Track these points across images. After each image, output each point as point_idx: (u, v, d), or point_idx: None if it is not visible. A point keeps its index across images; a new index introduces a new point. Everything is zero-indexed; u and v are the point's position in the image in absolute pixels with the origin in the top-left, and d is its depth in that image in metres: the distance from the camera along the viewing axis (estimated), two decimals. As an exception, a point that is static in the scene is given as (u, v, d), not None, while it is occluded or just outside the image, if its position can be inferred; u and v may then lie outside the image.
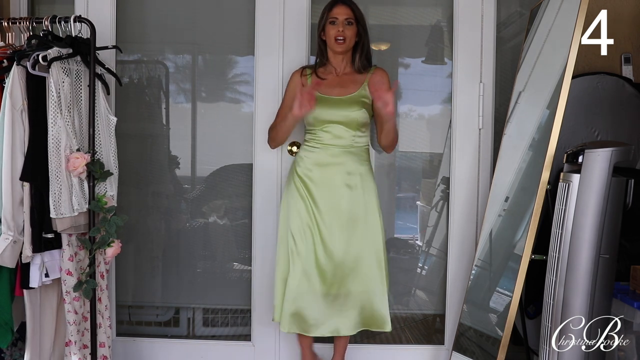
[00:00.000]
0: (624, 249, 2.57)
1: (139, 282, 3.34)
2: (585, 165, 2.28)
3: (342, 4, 2.79)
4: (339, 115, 2.76)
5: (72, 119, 2.60)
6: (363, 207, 2.78)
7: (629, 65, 3.15)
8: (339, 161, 2.78)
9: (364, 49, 2.84)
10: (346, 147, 2.78)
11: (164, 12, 3.29)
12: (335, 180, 2.77)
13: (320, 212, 2.76)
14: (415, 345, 3.24)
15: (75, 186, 2.59)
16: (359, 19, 2.80)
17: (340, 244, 2.74)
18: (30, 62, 2.48)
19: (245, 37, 3.19)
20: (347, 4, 2.80)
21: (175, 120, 3.37)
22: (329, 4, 2.83)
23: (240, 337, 3.26)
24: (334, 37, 2.77)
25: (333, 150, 2.78)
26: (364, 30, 2.82)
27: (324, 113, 2.77)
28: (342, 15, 2.77)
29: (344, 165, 2.78)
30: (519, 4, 3.26)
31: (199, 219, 3.36)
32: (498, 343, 2.58)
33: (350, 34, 2.78)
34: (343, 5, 2.79)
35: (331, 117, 2.77)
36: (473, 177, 3.11)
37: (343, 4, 2.79)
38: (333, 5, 2.80)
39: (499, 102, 3.13)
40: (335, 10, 2.79)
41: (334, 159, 2.78)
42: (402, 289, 3.39)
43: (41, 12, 3.31)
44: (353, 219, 2.77)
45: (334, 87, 2.82)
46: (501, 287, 2.71)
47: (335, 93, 2.81)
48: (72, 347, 2.65)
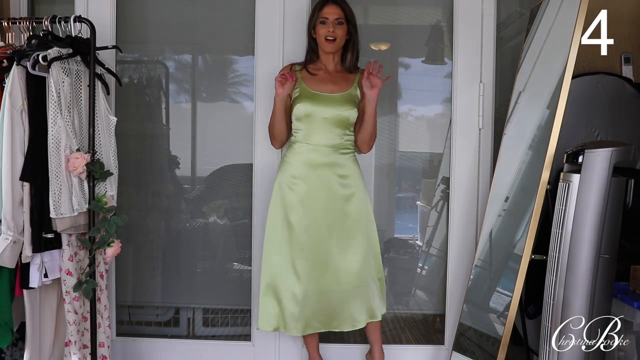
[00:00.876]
0: (624, 249, 2.57)
1: (139, 282, 3.34)
2: (585, 165, 2.28)
3: (332, 3, 2.79)
4: (331, 112, 2.75)
5: (72, 119, 2.60)
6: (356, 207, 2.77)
7: (629, 65, 3.15)
8: (330, 161, 2.77)
9: (355, 47, 2.84)
10: (336, 147, 2.77)
11: (164, 12, 3.30)
12: (328, 180, 2.76)
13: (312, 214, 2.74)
14: (415, 345, 3.24)
15: (75, 186, 2.59)
16: (349, 18, 2.80)
17: (336, 243, 2.74)
18: (30, 62, 2.48)
19: (245, 37, 3.19)
20: (338, 4, 2.79)
21: (175, 120, 3.37)
22: (319, 2, 2.82)
23: (240, 337, 3.26)
24: (324, 36, 2.78)
25: (324, 150, 2.76)
26: (354, 29, 2.82)
27: (316, 109, 2.76)
28: (332, 15, 2.77)
29: (336, 166, 2.77)
30: (519, 4, 3.26)
31: (199, 219, 3.36)
32: (498, 343, 2.58)
33: (341, 34, 2.78)
34: (334, 4, 2.79)
35: (323, 114, 2.75)
36: (473, 177, 3.10)
37: (334, 3, 2.79)
38: (324, 5, 2.80)
39: (499, 102, 3.13)
40: (325, 9, 2.79)
41: (325, 158, 2.76)
42: (402, 289, 3.39)
43: (41, 12, 3.31)
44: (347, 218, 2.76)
45: (325, 83, 2.82)
46: (501, 287, 2.71)
47: (327, 90, 2.80)
48: (72, 347, 2.65)
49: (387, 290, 3.31)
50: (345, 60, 2.85)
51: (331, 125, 2.76)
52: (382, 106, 3.32)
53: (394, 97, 3.33)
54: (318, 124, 2.76)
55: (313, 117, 2.76)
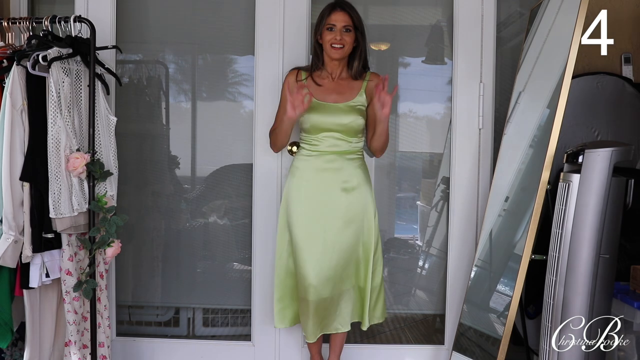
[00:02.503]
0: (624, 249, 2.57)
1: (139, 282, 3.34)
2: (585, 165, 2.28)
3: (341, 10, 2.74)
4: (336, 122, 2.75)
5: (72, 119, 2.60)
6: (360, 211, 2.77)
7: (629, 65, 3.15)
8: (335, 167, 2.77)
9: (362, 55, 2.80)
10: (343, 154, 2.77)
11: (164, 12, 3.30)
12: (332, 185, 2.76)
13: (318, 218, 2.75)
14: (415, 345, 3.24)
15: (75, 186, 2.59)
16: (357, 25, 2.75)
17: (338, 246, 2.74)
18: (30, 62, 2.48)
19: (245, 37, 3.19)
20: (346, 11, 2.74)
21: (175, 120, 3.37)
22: (328, 8, 2.78)
23: (240, 337, 3.26)
24: (330, 43, 2.74)
25: (330, 156, 2.77)
26: (362, 36, 2.78)
27: (321, 120, 2.75)
28: (340, 22, 2.73)
29: (341, 171, 2.77)
30: (519, 4, 3.26)
31: (199, 219, 3.36)
32: (498, 343, 2.58)
33: (349, 41, 2.74)
34: (342, 11, 2.74)
35: (328, 125, 2.75)
36: (473, 177, 3.10)
37: (342, 10, 2.74)
38: (332, 11, 2.75)
39: (499, 102, 3.13)
40: (333, 16, 2.74)
41: (330, 164, 2.77)
42: (402, 289, 3.39)
43: (41, 12, 3.31)
44: (349, 222, 2.76)
45: (330, 93, 2.80)
46: (501, 287, 2.71)
47: (332, 99, 2.79)
48: (71, 347, 2.65)
49: (387, 290, 3.31)
50: (352, 67, 2.81)
51: (337, 134, 2.76)
52: (382, 106, 3.33)
53: (394, 97, 3.32)
54: (325, 134, 2.76)
55: (319, 127, 2.76)
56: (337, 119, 2.75)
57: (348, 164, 2.78)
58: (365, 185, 2.81)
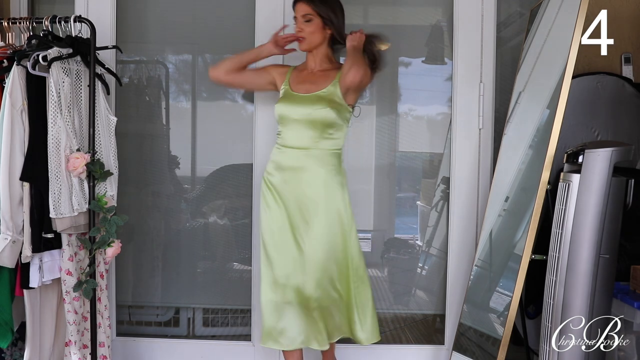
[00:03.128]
0: (624, 249, 2.57)
1: (139, 282, 3.34)
2: (585, 165, 2.28)
3: (300, 0, 2.66)
4: (301, 113, 2.60)
5: (72, 119, 2.60)
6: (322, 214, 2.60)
7: (629, 65, 3.15)
8: (298, 165, 2.62)
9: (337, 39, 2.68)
10: (307, 149, 2.61)
11: (164, 12, 3.30)
12: (293, 185, 2.62)
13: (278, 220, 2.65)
14: (415, 345, 3.24)
15: (75, 186, 2.59)
16: (321, 12, 2.63)
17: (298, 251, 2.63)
18: (30, 62, 2.48)
19: (245, 37, 3.18)
20: (304, 0, 2.64)
21: (175, 120, 3.37)
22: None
23: (240, 337, 3.26)
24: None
25: (293, 152, 2.62)
26: (331, 22, 2.64)
27: (286, 110, 2.64)
28: (299, 13, 2.66)
29: (302, 170, 2.61)
30: (519, 4, 3.26)
31: (199, 219, 3.36)
32: (498, 343, 2.58)
33: (309, 31, 2.64)
34: (300, 1, 2.66)
35: (293, 115, 2.61)
36: (473, 177, 3.10)
37: (300, 0, 2.66)
38: (294, 4, 2.70)
39: (499, 102, 3.13)
40: (295, 7, 2.68)
41: (293, 162, 2.62)
42: (402, 289, 3.39)
43: (41, 12, 3.31)
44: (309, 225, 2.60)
45: (304, 83, 2.70)
46: (501, 287, 2.71)
47: (303, 90, 2.67)
48: (72, 347, 2.65)
49: (387, 289, 3.31)
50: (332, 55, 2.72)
51: (303, 127, 2.60)
52: (382, 106, 3.33)
53: (394, 97, 3.33)
54: (291, 125, 2.63)
55: (286, 119, 2.64)
56: (303, 109, 2.60)
57: (313, 162, 2.60)
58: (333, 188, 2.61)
